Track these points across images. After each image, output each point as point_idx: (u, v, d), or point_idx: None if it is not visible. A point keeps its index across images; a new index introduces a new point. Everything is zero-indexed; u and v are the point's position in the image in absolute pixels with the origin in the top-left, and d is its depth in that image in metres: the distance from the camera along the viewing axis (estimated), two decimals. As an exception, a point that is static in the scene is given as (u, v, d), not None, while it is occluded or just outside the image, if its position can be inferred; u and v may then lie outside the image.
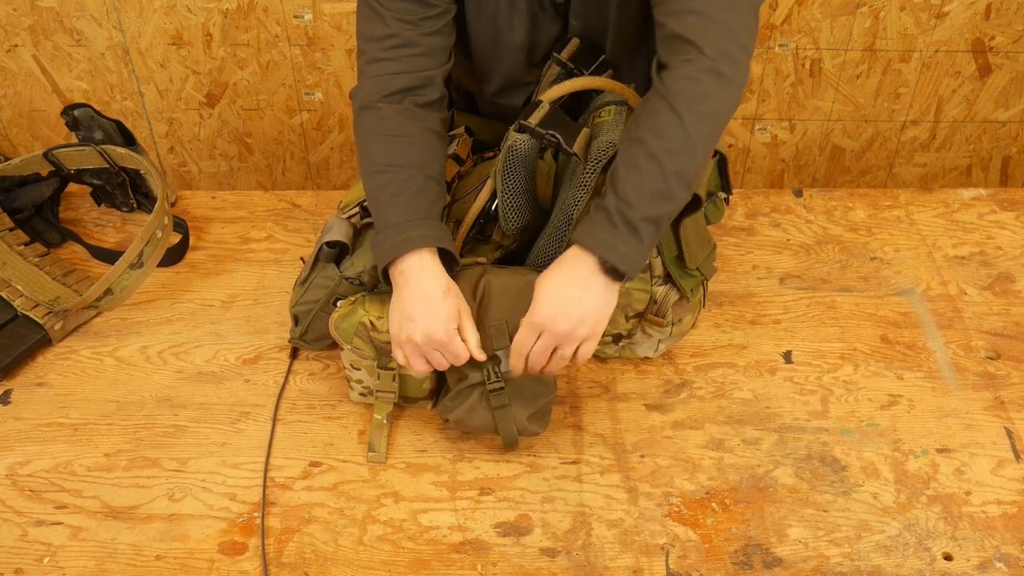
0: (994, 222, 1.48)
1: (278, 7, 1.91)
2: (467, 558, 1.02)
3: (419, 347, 1.03)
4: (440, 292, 1.02)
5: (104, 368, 1.24)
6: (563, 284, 0.99)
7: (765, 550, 1.03)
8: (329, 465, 1.12)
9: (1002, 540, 1.04)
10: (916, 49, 1.98)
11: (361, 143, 1.10)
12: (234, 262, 1.41)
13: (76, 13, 1.91)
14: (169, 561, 1.02)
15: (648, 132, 0.97)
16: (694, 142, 0.97)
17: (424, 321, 1.01)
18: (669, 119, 0.96)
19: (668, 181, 0.97)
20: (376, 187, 1.08)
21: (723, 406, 1.19)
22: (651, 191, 0.97)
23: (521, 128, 1.07)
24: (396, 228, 1.04)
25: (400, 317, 1.03)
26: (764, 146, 2.16)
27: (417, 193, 1.06)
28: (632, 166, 0.97)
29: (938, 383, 1.22)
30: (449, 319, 1.02)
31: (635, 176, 0.97)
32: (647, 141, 0.97)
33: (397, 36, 1.07)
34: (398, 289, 1.04)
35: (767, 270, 1.39)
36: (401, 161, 1.07)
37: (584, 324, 1.00)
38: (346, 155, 2.18)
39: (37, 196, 1.42)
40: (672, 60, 0.99)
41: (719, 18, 0.97)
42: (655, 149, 0.96)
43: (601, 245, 0.97)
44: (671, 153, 0.96)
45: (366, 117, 1.09)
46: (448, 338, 1.02)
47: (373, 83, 1.09)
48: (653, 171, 0.96)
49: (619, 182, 0.97)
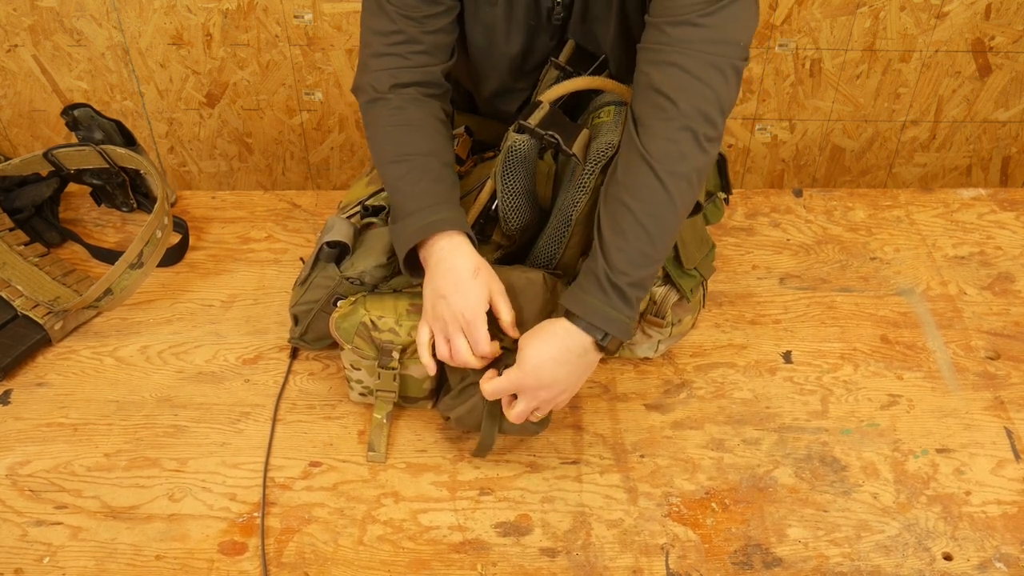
0: (994, 222, 1.48)
1: (278, 7, 1.91)
2: (467, 558, 1.02)
3: (447, 325, 1.03)
4: (470, 271, 1.02)
5: (104, 368, 1.24)
6: (554, 361, 1.00)
7: (765, 550, 1.03)
8: (329, 465, 1.12)
9: (1002, 540, 1.04)
10: (916, 49, 1.98)
11: (374, 134, 1.11)
12: (234, 262, 1.41)
13: (76, 13, 1.91)
14: (169, 561, 1.02)
15: (631, 196, 0.99)
16: (675, 201, 0.99)
17: (454, 298, 1.02)
18: (650, 182, 0.98)
19: (654, 243, 1.00)
20: (395, 176, 1.08)
21: (723, 406, 1.19)
22: (638, 254, 0.99)
23: (521, 128, 1.07)
24: (421, 213, 1.04)
25: (433, 295, 1.03)
26: (764, 146, 2.16)
27: (436, 179, 1.07)
28: (618, 231, 0.99)
29: (938, 383, 1.22)
30: (479, 300, 1.02)
31: (621, 241, 0.99)
32: (630, 205, 0.99)
33: (402, 32, 1.08)
34: (429, 270, 1.05)
35: (767, 270, 1.39)
36: (417, 149, 1.08)
37: (565, 392, 1.04)
38: (346, 155, 2.18)
39: (37, 196, 1.42)
40: (648, 116, 0.99)
41: (701, 76, 0.97)
42: (639, 212, 0.99)
43: (598, 316, 0.99)
44: (654, 217, 0.99)
45: (376, 108, 1.10)
46: (474, 318, 1.02)
47: (379, 76, 1.10)
48: (640, 235, 0.99)
49: (607, 248, 1.00)
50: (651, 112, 0.99)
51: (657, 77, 0.98)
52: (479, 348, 1.02)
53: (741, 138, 2.15)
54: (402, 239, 1.05)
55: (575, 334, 1.00)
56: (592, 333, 0.99)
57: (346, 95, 2.06)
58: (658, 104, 0.98)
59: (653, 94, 0.99)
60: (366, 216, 1.18)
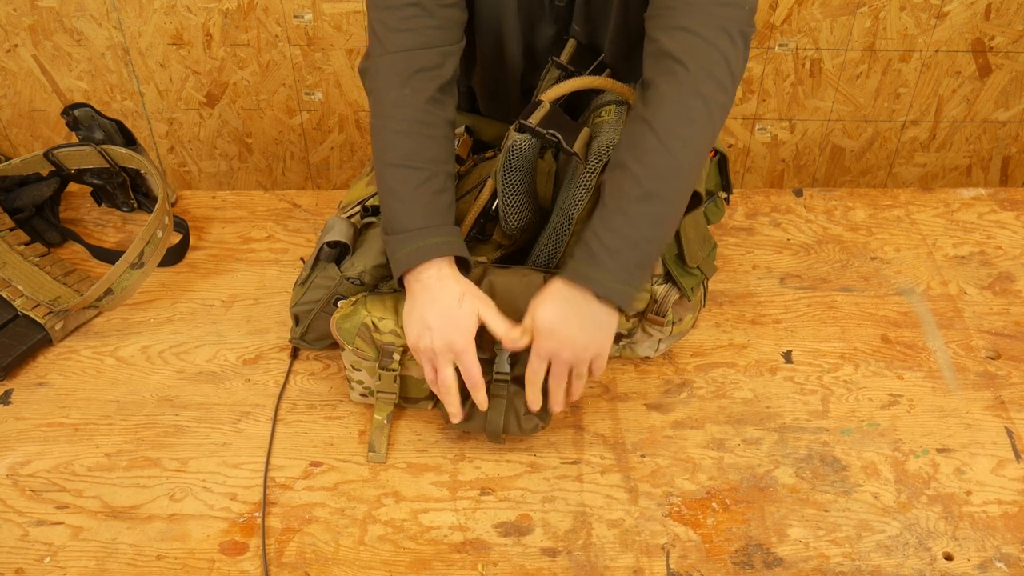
0: (994, 222, 1.48)
1: (278, 7, 1.91)
2: (468, 558, 1.02)
3: (438, 355, 1.02)
4: (456, 300, 1.02)
5: (105, 368, 1.24)
6: (561, 320, 1.00)
7: (766, 550, 1.03)
8: (330, 465, 1.12)
9: (1003, 540, 1.04)
10: (916, 49, 1.98)
11: (382, 128, 1.07)
12: (234, 262, 1.41)
13: (76, 13, 1.91)
14: (170, 561, 1.02)
15: (634, 161, 0.97)
16: (680, 167, 0.97)
17: (442, 330, 1.01)
18: (654, 145, 0.96)
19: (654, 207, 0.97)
20: (397, 180, 1.06)
21: (723, 406, 1.19)
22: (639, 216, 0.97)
23: (521, 128, 1.07)
24: (415, 233, 1.03)
25: (419, 326, 1.03)
26: (764, 146, 2.16)
27: (437, 193, 1.06)
28: (619, 194, 0.98)
29: (938, 383, 1.22)
30: (468, 328, 1.02)
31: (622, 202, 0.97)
32: (634, 170, 0.97)
33: (417, 5, 1.06)
34: (413, 296, 1.04)
35: (767, 270, 1.39)
36: (425, 155, 1.06)
37: (588, 349, 1.02)
38: (346, 155, 2.18)
39: (37, 196, 1.42)
40: (658, 78, 0.98)
41: (711, 39, 0.97)
42: (642, 177, 0.97)
43: (590, 282, 0.98)
44: (658, 180, 0.97)
45: (388, 102, 1.07)
46: (466, 347, 1.02)
47: (395, 62, 1.06)
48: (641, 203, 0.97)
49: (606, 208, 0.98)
50: (661, 77, 0.98)
51: (666, 41, 0.98)
52: (471, 377, 1.03)
53: (741, 138, 2.15)
54: (397, 258, 1.04)
55: (569, 288, 0.99)
56: (589, 286, 0.98)
57: (346, 95, 2.06)
58: (668, 68, 0.97)
59: (663, 59, 0.98)
60: (366, 216, 1.18)
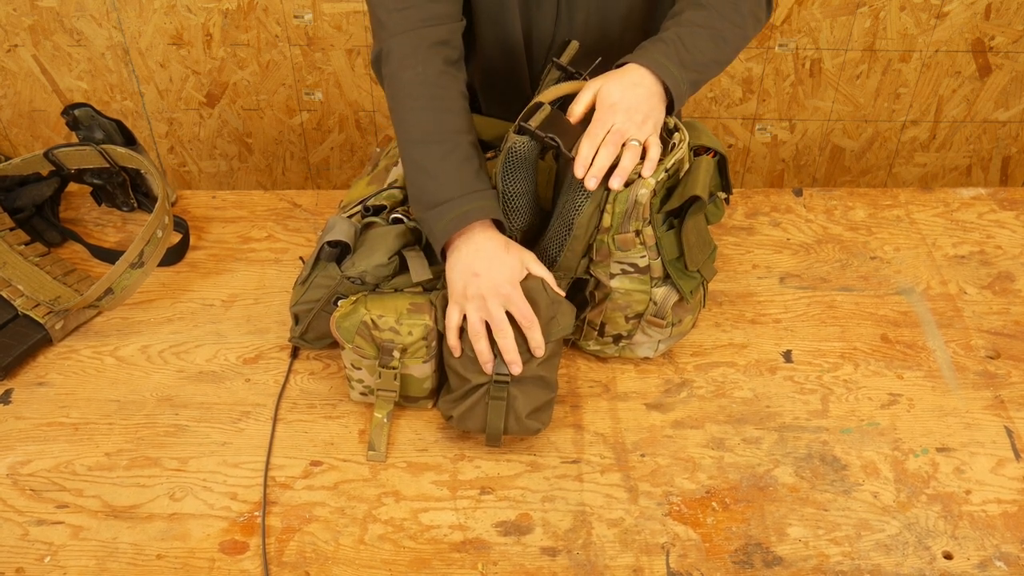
0: (994, 221, 1.48)
1: (278, 7, 1.91)
2: (468, 557, 1.02)
3: (488, 299, 1.03)
4: (502, 247, 1.04)
5: (105, 368, 1.25)
6: (621, 84, 1.06)
7: (765, 549, 1.03)
8: (330, 464, 1.12)
9: (1002, 539, 1.04)
10: (916, 49, 1.98)
11: (400, 107, 1.09)
12: (234, 262, 1.41)
13: (76, 13, 1.91)
14: (170, 560, 1.02)
15: (695, 11, 1.12)
16: (728, 33, 1.12)
17: (490, 273, 1.02)
18: (711, 13, 1.12)
19: (715, 42, 1.12)
20: (422, 155, 1.07)
21: (723, 405, 1.19)
22: (702, 39, 1.10)
23: (521, 130, 1.07)
24: (449, 204, 1.04)
25: (466, 274, 1.04)
26: (764, 146, 2.17)
27: (464, 161, 1.07)
28: (684, 24, 1.11)
29: (938, 382, 1.22)
30: (515, 271, 1.04)
31: (684, 31, 1.10)
32: (695, 19, 1.11)
33: None
34: (456, 249, 1.05)
35: (767, 269, 1.39)
36: (446, 128, 1.08)
37: (633, 120, 1.05)
38: (346, 155, 2.18)
39: (37, 196, 1.42)
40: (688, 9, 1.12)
41: None
42: (700, 22, 1.11)
43: (660, 68, 1.07)
44: (722, 18, 1.11)
45: (404, 81, 1.08)
46: (514, 289, 1.03)
47: (403, 42, 1.08)
48: (705, 31, 1.11)
49: (693, 32, 1.10)
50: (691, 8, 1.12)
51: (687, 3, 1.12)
52: (525, 317, 1.03)
53: (741, 138, 2.15)
54: (437, 231, 1.05)
55: (640, 70, 1.07)
56: (654, 70, 1.07)
57: (346, 95, 2.06)
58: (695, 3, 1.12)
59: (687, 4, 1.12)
60: (367, 216, 1.18)
